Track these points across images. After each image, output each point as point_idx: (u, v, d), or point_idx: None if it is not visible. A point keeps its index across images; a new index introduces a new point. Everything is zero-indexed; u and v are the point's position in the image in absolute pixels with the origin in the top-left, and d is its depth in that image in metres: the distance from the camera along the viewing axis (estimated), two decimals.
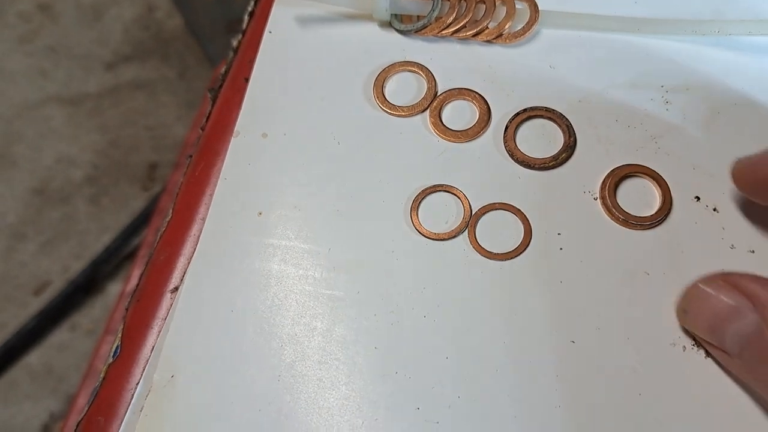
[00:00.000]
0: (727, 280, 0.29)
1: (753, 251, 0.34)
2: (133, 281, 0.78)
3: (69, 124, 1.16)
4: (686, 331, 0.32)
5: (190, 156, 0.43)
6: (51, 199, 1.12)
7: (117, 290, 1.05)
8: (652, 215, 0.34)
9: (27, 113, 1.18)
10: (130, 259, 1.06)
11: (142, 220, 1.04)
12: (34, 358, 1.03)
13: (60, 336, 1.04)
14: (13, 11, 1.25)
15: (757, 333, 0.27)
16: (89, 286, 1.05)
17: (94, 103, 1.17)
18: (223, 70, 0.46)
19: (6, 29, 1.24)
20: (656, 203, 0.35)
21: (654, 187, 0.35)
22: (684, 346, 0.32)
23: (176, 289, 0.37)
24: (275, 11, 0.42)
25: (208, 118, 0.43)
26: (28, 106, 1.18)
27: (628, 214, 0.34)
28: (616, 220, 0.34)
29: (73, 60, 1.21)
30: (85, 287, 1.04)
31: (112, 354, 0.38)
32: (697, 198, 0.35)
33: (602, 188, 0.35)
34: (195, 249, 0.37)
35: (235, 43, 0.46)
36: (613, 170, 0.35)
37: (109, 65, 1.20)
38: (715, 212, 0.35)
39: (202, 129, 0.43)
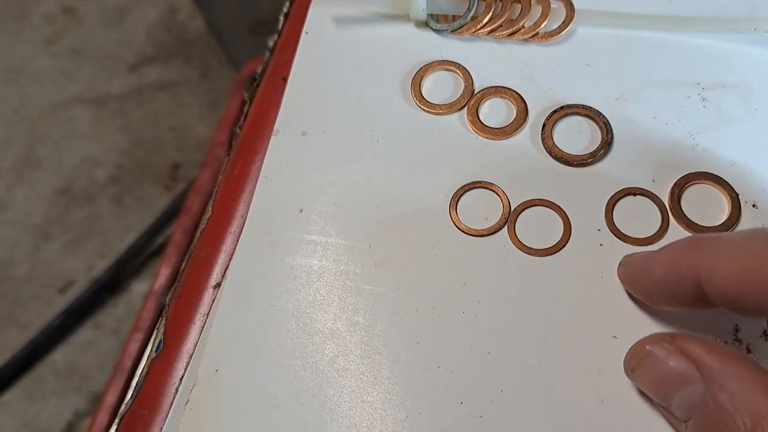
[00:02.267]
0: (675, 343, 0.27)
1: None
2: (161, 279, 0.79)
3: (93, 125, 1.18)
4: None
5: (228, 154, 0.44)
6: (76, 199, 1.14)
7: (141, 289, 1.06)
8: (720, 222, 0.35)
9: (52, 114, 1.19)
10: (154, 258, 1.07)
11: (166, 219, 1.06)
12: (58, 356, 1.04)
13: (84, 334, 1.05)
14: (37, 13, 1.27)
15: (703, 402, 0.26)
16: (113, 284, 1.06)
17: (118, 104, 1.19)
18: (259, 69, 0.46)
19: (31, 31, 1.26)
20: (720, 206, 0.35)
21: (714, 189, 0.35)
22: (726, 341, 0.32)
23: (218, 285, 0.38)
24: (312, 12, 0.42)
25: (245, 117, 0.44)
26: (52, 107, 1.20)
27: (688, 218, 0.34)
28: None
29: (97, 61, 1.22)
30: (109, 286, 1.06)
31: (155, 349, 0.39)
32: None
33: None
34: (235, 245, 0.38)
35: (271, 43, 0.47)
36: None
37: (132, 66, 1.21)
38: (755, 209, 0.35)
39: (240, 128, 0.44)
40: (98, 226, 1.11)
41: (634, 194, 0.35)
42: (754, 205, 0.35)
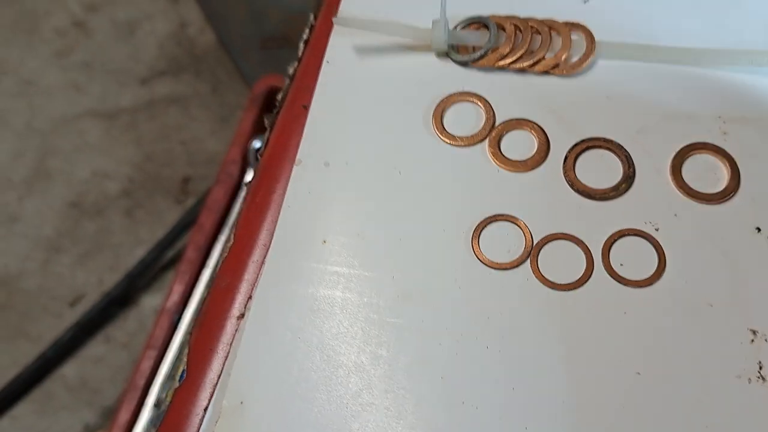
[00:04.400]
0: None
1: None
2: (174, 296, 0.79)
3: (104, 138, 1.18)
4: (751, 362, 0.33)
5: (246, 182, 0.44)
6: (87, 212, 1.14)
7: (151, 303, 1.06)
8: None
9: (63, 127, 1.20)
10: (165, 272, 1.07)
11: (176, 233, 1.06)
12: (69, 369, 1.05)
13: (95, 348, 1.05)
14: (49, 27, 1.28)
15: None
16: (124, 298, 1.06)
17: (129, 118, 1.19)
18: (279, 96, 0.47)
19: (42, 45, 1.26)
20: None
21: None
22: (749, 378, 0.32)
23: (242, 315, 0.38)
24: (333, 41, 0.43)
25: (266, 144, 0.44)
26: (64, 120, 1.20)
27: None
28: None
29: (108, 75, 1.23)
30: (119, 300, 1.06)
31: (178, 379, 0.39)
32: (758, 229, 0.35)
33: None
34: (258, 275, 0.38)
35: (291, 70, 0.47)
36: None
37: (143, 80, 1.22)
38: None
39: (260, 155, 0.44)
40: (109, 240, 1.11)
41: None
42: None
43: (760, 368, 0.33)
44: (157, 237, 1.08)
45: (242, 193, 0.75)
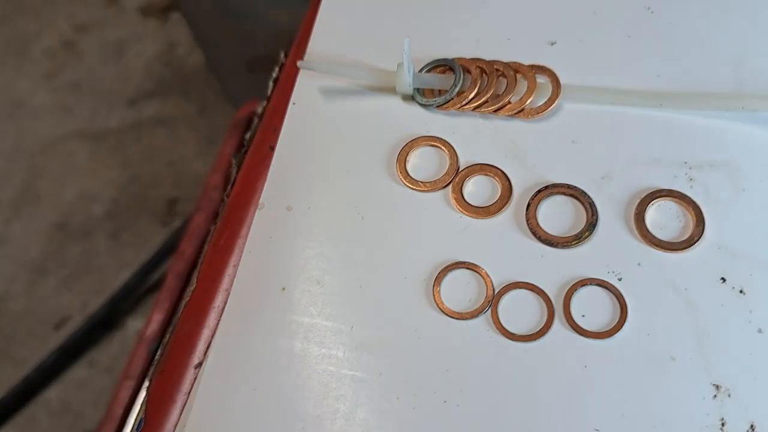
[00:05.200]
0: None
1: None
2: (153, 325, 0.78)
3: (91, 160, 1.18)
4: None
5: (215, 223, 0.44)
6: (72, 234, 1.13)
7: (135, 326, 1.06)
8: None
9: (51, 148, 1.20)
10: (150, 295, 1.06)
11: (161, 255, 1.05)
12: (52, 393, 1.04)
13: (78, 372, 1.05)
14: (38, 48, 1.28)
15: None
16: (108, 322, 1.06)
17: (116, 139, 1.19)
18: (247, 136, 0.46)
19: (31, 66, 1.27)
20: None
21: None
22: None
23: (200, 364, 0.37)
24: (299, 83, 0.42)
25: (233, 184, 0.44)
26: (51, 141, 1.20)
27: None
28: None
29: (97, 96, 1.23)
30: (104, 323, 1.05)
31: (136, 426, 0.38)
32: (723, 279, 0.35)
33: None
34: (219, 321, 0.38)
35: (260, 109, 0.47)
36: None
37: (131, 101, 1.22)
38: (742, 294, 0.34)
39: (227, 196, 0.44)
40: (94, 262, 1.11)
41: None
42: (741, 291, 0.34)
43: (723, 425, 0.32)
44: (142, 260, 1.08)
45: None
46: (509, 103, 0.39)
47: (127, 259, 1.10)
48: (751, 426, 0.32)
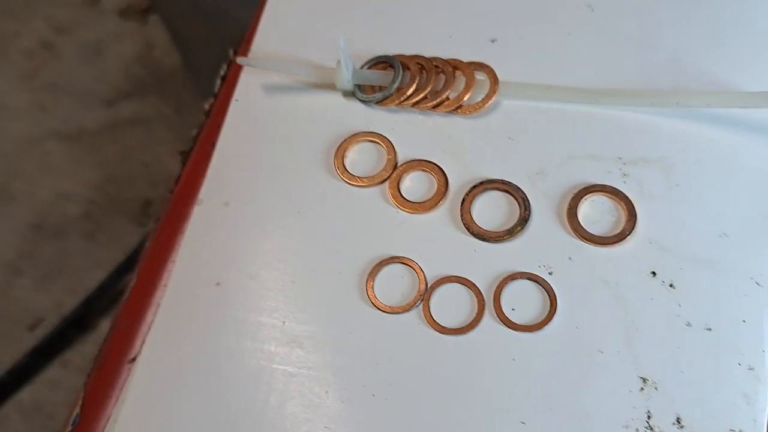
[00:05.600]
0: None
1: (710, 329, 0.34)
2: None
3: (68, 160, 1.18)
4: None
5: (151, 217, 0.44)
6: (47, 235, 1.13)
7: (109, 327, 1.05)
8: None
9: (27, 149, 1.19)
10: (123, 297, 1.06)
11: (136, 256, 1.05)
12: (25, 394, 1.03)
13: (52, 373, 1.04)
14: (17, 48, 1.28)
15: None
16: (82, 322, 1.05)
17: (93, 139, 1.19)
18: (194, 133, 0.46)
19: (9, 66, 1.26)
20: None
21: None
22: (637, 428, 0.32)
23: (134, 359, 0.37)
24: (242, 80, 0.42)
25: (177, 181, 0.44)
26: (28, 141, 1.20)
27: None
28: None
29: (74, 96, 1.22)
30: (78, 323, 1.05)
31: (71, 422, 0.38)
32: (653, 273, 0.35)
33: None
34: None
35: (207, 106, 0.47)
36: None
37: (108, 102, 1.21)
38: (672, 288, 0.34)
39: (171, 192, 0.44)
40: (69, 263, 1.10)
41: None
42: (671, 285, 0.34)
43: (649, 417, 0.32)
44: (117, 260, 1.08)
45: None
46: (447, 99, 0.39)
47: (102, 260, 1.10)
48: (677, 419, 0.32)
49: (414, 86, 0.39)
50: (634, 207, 0.36)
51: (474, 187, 0.37)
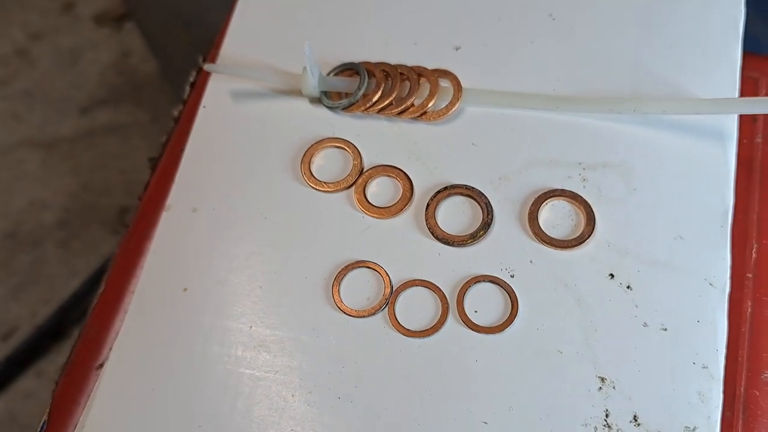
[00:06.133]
0: None
1: (665, 329, 0.34)
2: None
3: (42, 168, 1.17)
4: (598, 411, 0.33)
5: (126, 226, 0.44)
6: (22, 243, 1.12)
7: None
8: None
9: (0, 156, 1.18)
10: None
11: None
12: None
13: (26, 383, 1.03)
14: None
15: None
16: (57, 331, 1.04)
17: (68, 147, 1.18)
18: (163, 139, 0.46)
19: None
20: None
21: None
22: (596, 427, 0.33)
23: (102, 365, 0.37)
24: (210, 86, 0.43)
25: (146, 187, 0.44)
26: (1, 149, 1.19)
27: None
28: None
29: (49, 104, 1.22)
30: (52, 333, 1.04)
31: (39, 429, 0.38)
32: (612, 276, 0.36)
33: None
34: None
35: (176, 113, 0.47)
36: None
37: (84, 109, 1.21)
38: (629, 290, 0.35)
39: (140, 199, 0.44)
40: (44, 271, 1.09)
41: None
42: (628, 287, 0.35)
43: (607, 416, 0.33)
44: (93, 268, 1.07)
45: None
46: (412, 105, 0.40)
47: (77, 268, 1.09)
48: (634, 416, 0.33)
49: (379, 93, 0.40)
50: (593, 211, 0.37)
51: (438, 192, 0.38)
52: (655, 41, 0.42)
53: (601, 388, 0.33)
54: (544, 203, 0.37)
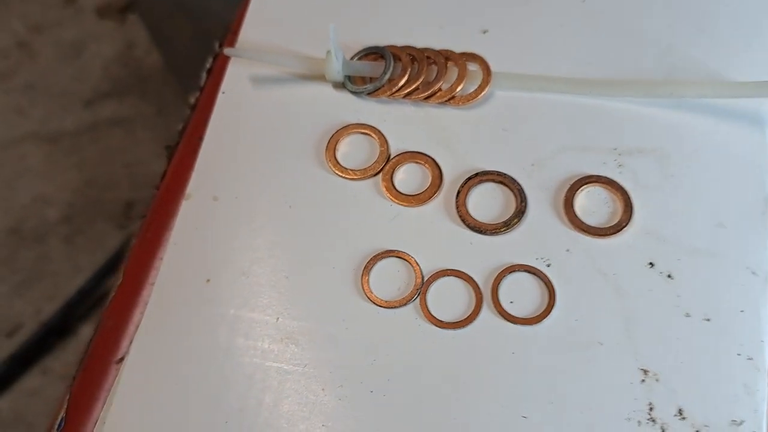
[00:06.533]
0: None
1: (708, 319, 0.33)
2: None
3: (46, 163, 1.15)
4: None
5: (144, 216, 0.43)
6: (26, 239, 1.11)
7: (90, 333, 1.03)
8: None
9: (3, 151, 1.17)
10: (105, 301, 1.04)
11: (117, 259, 1.03)
12: (3, 403, 1.01)
13: (31, 381, 1.02)
14: None
15: None
16: (62, 328, 1.03)
17: (72, 141, 1.16)
18: (180, 127, 0.45)
19: None
20: None
21: None
22: (639, 421, 0.31)
23: (122, 359, 0.36)
24: (230, 71, 0.41)
25: (163, 177, 0.43)
26: (4, 144, 1.17)
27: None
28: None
29: (52, 97, 1.20)
30: (58, 330, 1.03)
31: (57, 426, 0.37)
32: (651, 264, 0.34)
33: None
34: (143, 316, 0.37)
35: (192, 100, 0.46)
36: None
37: (87, 102, 1.19)
38: (670, 279, 0.34)
39: (157, 188, 0.43)
40: (48, 267, 1.08)
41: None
42: (669, 276, 0.34)
43: (651, 410, 0.32)
44: (98, 264, 1.06)
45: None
46: (440, 90, 0.39)
47: (82, 264, 1.08)
48: (679, 410, 0.32)
49: (406, 77, 0.39)
50: (630, 198, 0.36)
51: (469, 178, 0.37)
52: (688, 23, 0.40)
53: (643, 380, 0.32)
54: (580, 190, 0.36)
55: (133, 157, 1.15)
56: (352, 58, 0.40)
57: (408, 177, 0.37)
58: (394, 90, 0.39)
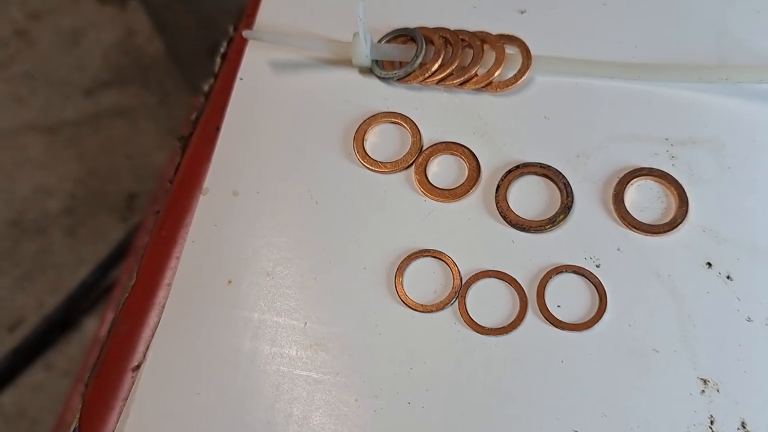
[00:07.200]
0: None
1: None
2: (107, 325, 0.74)
3: (46, 153, 1.12)
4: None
5: (157, 212, 0.40)
6: (27, 231, 1.08)
7: (94, 327, 1.01)
8: None
9: (2, 142, 1.14)
10: (108, 294, 1.01)
11: (120, 252, 1.01)
12: (6, 398, 0.98)
13: (34, 376, 0.99)
14: None
15: None
16: (65, 322, 1.01)
17: (73, 131, 1.13)
18: (193, 116, 0.42)
19: None
20: None
21: None
22: None
23: (138, 366, 0.33)
24: (247, 56, 0.39)
25: (176, 170, 0.40)
26: (3, 134, 1.14)
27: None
28: None
29: (51, 86, 1.17)
30: (60, 324, 1.00)
31: None
32: (709, 264, 0.32)
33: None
34: (160, 320, 0.34)
35: (206, 87, 0.43)
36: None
37: (88, 92, 1.16)
38: (729, 280, 0.32)
39: (171, 182, 0.40)
40: (50, 260, 1.05)
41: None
42: (728, 277, 0.32)
43: (712, 422, 0.29)
44: (100, 257, 1.03)
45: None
46: (476, 75, 0.36)
47: (85, 257, 1.05)
48: (742, 423, 0.29)
49: (439, 62, 0.36)
50: (685, 192, 0.33)
51: (509, 171, 0.34)
52: (741, 4, 0.38)
53: (703, 391, 0.30)
54: (630, 183, 0.33)
55: (136, 148, 1.12)
56: (379, 41, 0.37)
57: (442, 170, 0.35)
58: (426, 75, 0.36)
